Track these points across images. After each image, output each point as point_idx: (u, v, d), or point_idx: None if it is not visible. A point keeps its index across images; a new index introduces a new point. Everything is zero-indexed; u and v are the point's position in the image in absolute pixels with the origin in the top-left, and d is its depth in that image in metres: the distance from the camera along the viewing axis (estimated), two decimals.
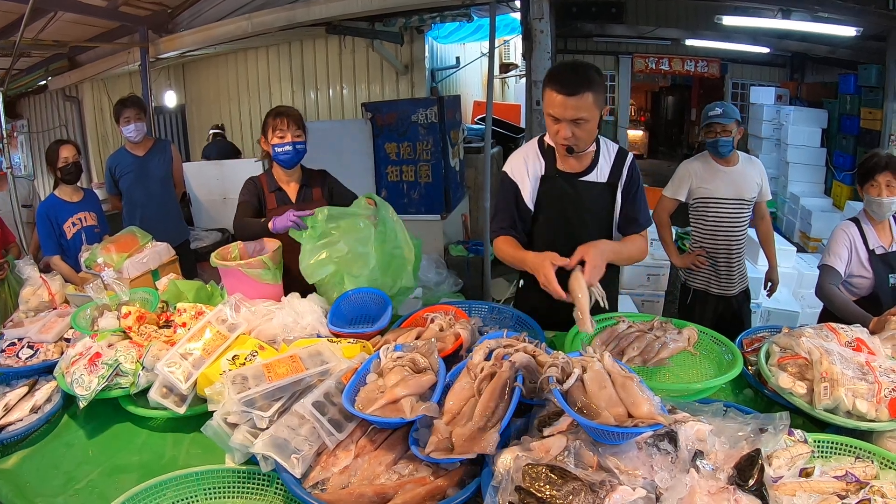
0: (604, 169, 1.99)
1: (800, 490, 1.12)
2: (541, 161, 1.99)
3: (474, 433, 1.18)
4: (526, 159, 2.00)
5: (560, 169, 1.98)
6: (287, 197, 2.46)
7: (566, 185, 1.97)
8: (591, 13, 7.46)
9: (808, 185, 7.15)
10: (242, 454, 1.31)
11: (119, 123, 3.45)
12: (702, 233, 2.97)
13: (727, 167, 2.87)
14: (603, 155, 1.99)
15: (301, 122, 2.40)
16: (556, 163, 1.98)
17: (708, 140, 2.83)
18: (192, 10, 5.93)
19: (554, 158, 1.98)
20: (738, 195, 2.85)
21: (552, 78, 1.77)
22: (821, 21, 5.58)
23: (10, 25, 5.23)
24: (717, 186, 2.85)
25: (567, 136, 1.79)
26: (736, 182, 2.86)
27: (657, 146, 14.33)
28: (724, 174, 2.86)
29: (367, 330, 1.91)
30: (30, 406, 1.65)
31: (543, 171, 1.98)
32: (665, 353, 1.76)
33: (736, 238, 2.91)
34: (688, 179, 2.90)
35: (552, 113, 1.77)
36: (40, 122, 9.25)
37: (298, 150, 2.39)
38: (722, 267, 2.93)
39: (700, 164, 2.91)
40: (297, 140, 2.37)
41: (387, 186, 5.34)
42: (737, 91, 9.76)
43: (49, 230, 3.05)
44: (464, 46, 8.31)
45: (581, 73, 1.75)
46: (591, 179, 1.99)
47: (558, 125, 1.79)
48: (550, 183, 1.98)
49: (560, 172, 1.98)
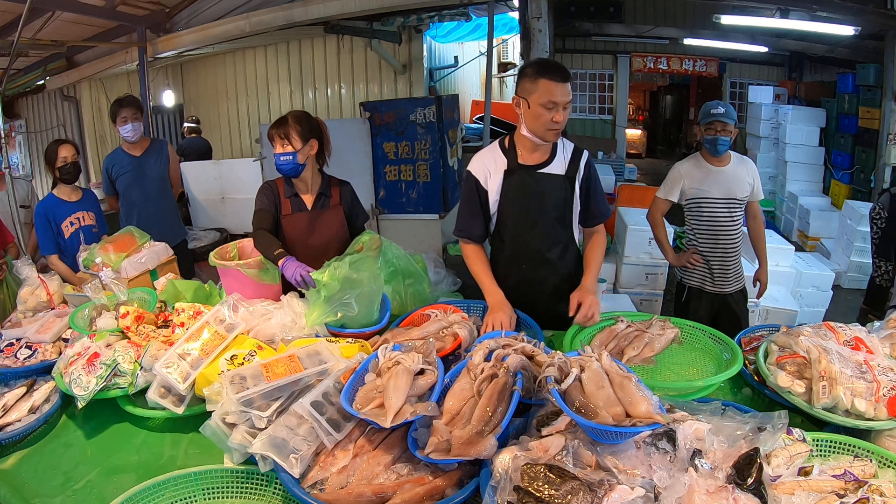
0: (561, 162, 2.13)
1: (798, 489, 1.12)
2: (503, 158, 2.13)
3: (472, 436, 1.18)
4: (486, 158, 2.15)
5: (521, 163, 2.11)
6: (303, 203, 2.36)
7: (528, 176, 2.10)
8: (590, 12, 7.44)
9: (807, 184, 7.15)
10: (241, 454, 1.31)
11: (116, 123, 3.44)
12: (696, 232, 2.99)
13: (719, 167, 2.88)
14: (560, 150, 2.14)
15: (294, 132, 2.22)
16: (518, 158, 2.11)
17: (707, 137, 2.82)
18: (190, 10, 5.92)
19: (515, 155, 2.11)
20: (730, 195, 2.87)
21: (546, 69, 1.94)
22: (819, 20, 5.58)
23: (7, 25, 5.22)
24: (710, 187, 2.87)
25: (562, 121, 1.96)
26: (728, 182, 2.87)
27: (655, 145, 14.35)
28: (716, 174, 2.87)
29: (365, 330, 1.91)
30: (28, 406, 1.65)
31: (506, 167, 2.11)
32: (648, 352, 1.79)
33: (730, 237, 2.93)
34: (680, 180, 2.93)
35: (552, 100, 1.92)
36: (38, 122, 9.23)
37: (283, 161, 2.23)
38: (716, 265, 2.95)
39: (692, 165, 2.92)
40: (282, 151, 2.22)
41: (385, 186, 5.34)
42: (735, 90, 9.77)
43: (47, 230, 3.05)
44: (462, 46, 8.32)
45: (560, 64, 2.01)
46: (549, 171, 2.11)
47: (554, 111, 1.93)
48: (513, 176, 2.10)
49: (521, 166, 2.11)
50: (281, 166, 2.25)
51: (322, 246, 2.32)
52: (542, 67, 1.96)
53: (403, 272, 2.59)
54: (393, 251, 2.62)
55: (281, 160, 2.24)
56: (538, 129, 1.99)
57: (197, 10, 5.88)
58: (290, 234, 2.33)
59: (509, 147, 2.13)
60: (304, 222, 2.34)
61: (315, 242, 2.34)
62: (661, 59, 9.49)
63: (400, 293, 2.53)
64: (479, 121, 8.06)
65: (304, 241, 2.33)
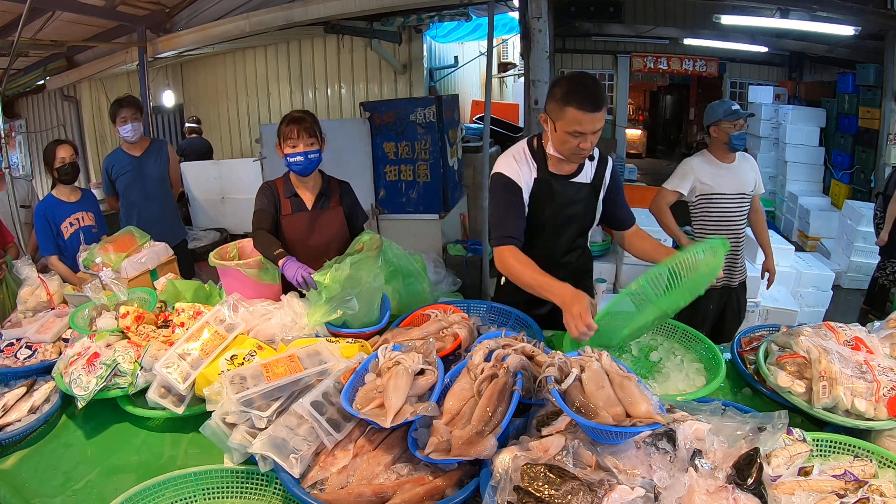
0: (589, 170, 2.06)
1: (798, 489, 1.12)
2: (533, 164, 2.02)
3: (472, 436, 1.18)
4: (518, 162, 2.02)
5: (552, 171, 2.02)
6: (303, 203, 2.36)
7: (558, 186, 2.02)
8: (590, 12, 7.43)
9: (807, 184, 7.16)
10: (241, 454, 1.31)
11: (116, 123, 3.44)
12: (706, 229, 3.03)
13: (728, 164, 2.96)
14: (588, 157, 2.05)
15: (314, 129, 2.26)
16: (548, 165, 2.01)
17: (734, 133, 2.88)
18: (190, 10, 5.92)
19: (545, 161, 2.01)
20: (739, 189, 2.95)
21: (575, 97, 1.77)
22: (819, 20, 5.58)
23: (7, 25, 5.22)
24: (720, 182, 2.94)
25: (590, 148, 1.85)
26: (736, 177, 2.95)
27: (655, 146, 14.35)
28: (726, 170, 2.95)
29: (365, 329, 1.91)
30: (28, 406, 1.65)
31: (536, 174, 2.01)
32: None
33: (738, 231, 3.02)
34: (691, 174, 2.97)
35: (579, 129, 1.79)
36: (38, 122, 9.23)
37: (311, 159, 2.26)
38: (726, 259, 2.98)
39: (701, 161, 2.98)
40: (309, 150, 2.24)
41: (385, 186, 5.33)
42: (735, 90, 9.74)
43: (46, 230, 3.05)
44: (462, 46, 8.30)
45: (599, 89, 1.81)
46: (580, 181, 2.05)
47: (580, 139, 1.82)
48: (544, 185, 2.01)
49: (552, 175, 2.02)
50: (309, 164, 2.26)
51: (322, 246, 2.32)
52: (570, 94, 1.78)
53: (403, 271, 2.59)
54: (393, 250, 2.62)
55: (310, 157, 2.25)
56: (563, 153, 1.91)
57: (197, 10, 5.87)
58: (290, 234, 2.33)
59: (538, 149, 2.03)
60: (304, 222, 2.35)
61: (315, 243, 2.34)
62: (661, 59, 9.47)
63: (400, 292, 2.52)
64: (479, 121, 8.04)
65: (305, 241, 2.33)
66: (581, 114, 1.77)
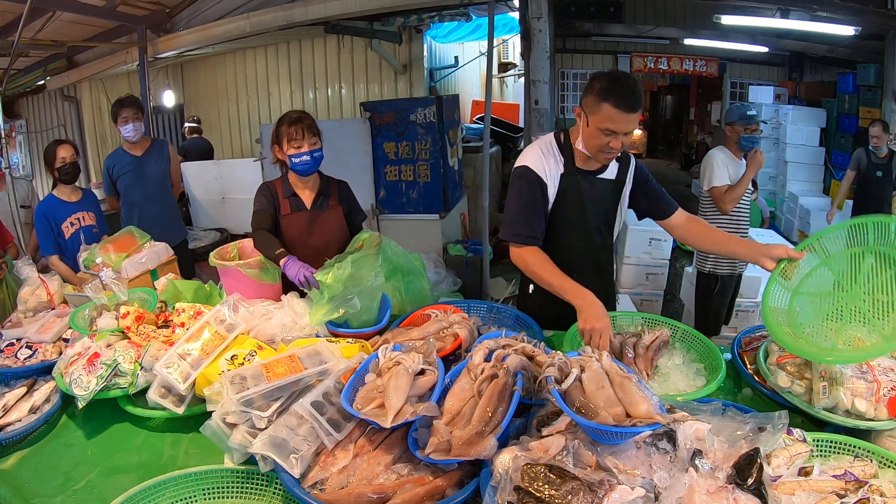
0: (613, 167, 2.05)
1: (799, 489, 1.12)
2: (561, 157, 2.00)
3: (473, 437, 1.18)
4: (545, 155, 1.99)
5: (579, 167, 2.00)
6: (302, 203, 2.37)
7: (585, 182, 2.00)
8: (590, 12, 7.43)
9: (807, 184, 7.16)
10: (241, 454, 1.31)
11: (117, 123, 3.44)
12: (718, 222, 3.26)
13: (741, 161, 3.28)
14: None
15: (315, 128, 2.29)
16: (575, 161, 1.99)
17: (753, 136, 3.20)
18: (191, 10, 5.92)
19: (572, 156, 1.99)
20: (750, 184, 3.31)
21: (613, 94, 1.76)
22: (819, 20, 5.58)
23: (8, 25, 5.22)
24: (738, 175, 3.24)
25: (619, 148, 1.84)
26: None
27: (655, 145, 14.36)
28: (741, 165, 3.27)
29: (366, 329, 1.91)
30: (28, 406, 1.65)
31: (563, 169, 1.99)
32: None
33: (745, 220, 3.38)
34: (723, 166, 3.22)
35: (612, 128, 1.78)
36: (39, 122, 9.24)
37: (316, 157, 2.28)
38: None
39: (726, 156, 3.27)
40: (314, 148, 2.25)
41: (385, 186, 5.33)
42: (735, 90, 9.75)
43: (47, 230, 3.05)
44: (462, 46, 8.31)
45: (638, 91, 1.79)
46: (605, 177, 2.04)
47: (612, 138, 1.80)
48: (571, 180, 1.99)
49: (579, 170, 2.00)
50: (315, 163, 2.28)
51: (322, 245, 2.32)
52: (608, 90, 1.76)
53: (403, 269, 2.60)
54: (392, 249, 2.63)
55: (315, 156, 2.27)
56: (591, 149, 1.88)
57: (197, 10, 5.88)
58: (290, 233, 2.33)
59: (565, 144, 2.00)
60: (303, 222, 2.35)
61: (315, 242, 2.34)
62: (662, 60, 9.48)
63: (400, 290, 2.53)
64: (479, 121, 8.05)
65: (304, 240, 2.33)
66: (616, 112, 1.75)
